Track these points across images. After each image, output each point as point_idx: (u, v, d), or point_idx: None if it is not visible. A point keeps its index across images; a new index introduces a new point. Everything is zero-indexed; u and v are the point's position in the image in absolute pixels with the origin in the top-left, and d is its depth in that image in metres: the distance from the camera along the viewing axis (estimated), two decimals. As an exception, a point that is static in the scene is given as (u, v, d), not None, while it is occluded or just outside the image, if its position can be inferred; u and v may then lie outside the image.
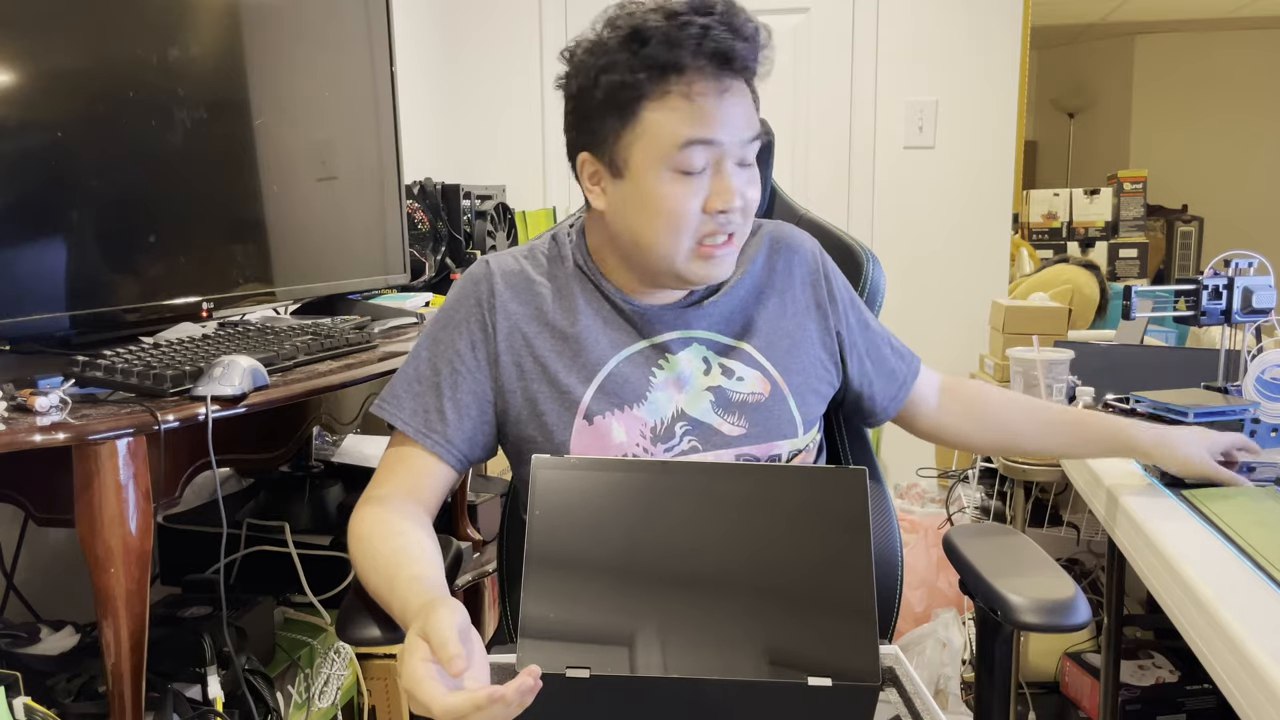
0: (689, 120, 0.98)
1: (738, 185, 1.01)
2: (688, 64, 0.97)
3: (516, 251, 1.17)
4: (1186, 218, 5.22)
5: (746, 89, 1.02)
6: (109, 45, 1.32)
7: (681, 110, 0.98)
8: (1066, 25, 6.11)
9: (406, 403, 1.09)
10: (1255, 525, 1.16)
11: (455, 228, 2.20)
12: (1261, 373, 1.54)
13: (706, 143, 0.99)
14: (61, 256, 1.24)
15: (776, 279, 1.16)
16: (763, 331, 1.13)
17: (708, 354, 1.11)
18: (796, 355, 1.14)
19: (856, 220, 3.13)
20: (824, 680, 0.82)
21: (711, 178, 1.01)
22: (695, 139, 0.99)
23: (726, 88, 0.99)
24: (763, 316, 1.14)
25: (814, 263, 1.19)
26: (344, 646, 1.61)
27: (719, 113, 0.99)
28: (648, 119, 0.99)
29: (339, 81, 1.84)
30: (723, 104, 0.99)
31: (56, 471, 1.05)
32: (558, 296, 1.11)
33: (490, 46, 3.25)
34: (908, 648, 2.28)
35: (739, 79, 1.01)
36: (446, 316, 1.12)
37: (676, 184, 1.00)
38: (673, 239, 1.03)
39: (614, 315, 1.11)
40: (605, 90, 1.00)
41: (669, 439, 1.08)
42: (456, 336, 1.10)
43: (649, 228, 1.03)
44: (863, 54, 3.09)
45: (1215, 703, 1.97)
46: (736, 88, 1.00)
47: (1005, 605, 0.95)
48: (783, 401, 1.11)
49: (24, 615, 1.43)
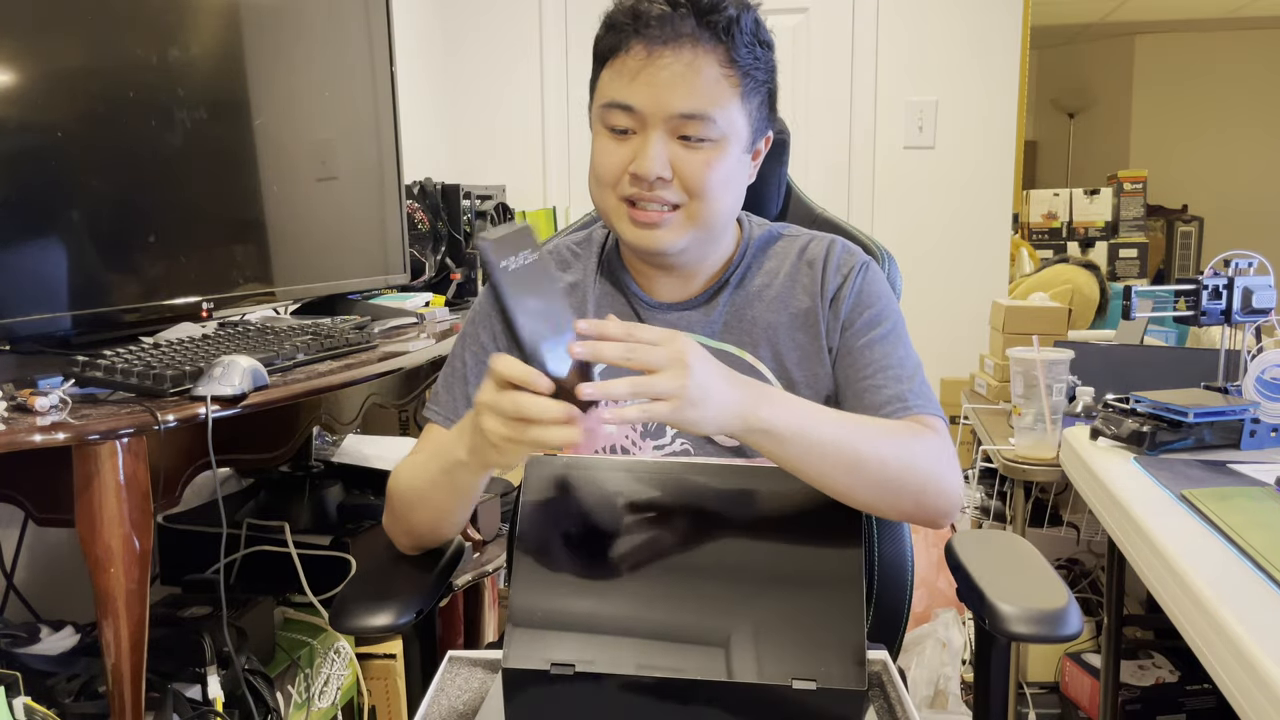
0: (615, 83, 1.01)
1: (655, 154, 1.00)
2: (639, 32, 0.99)
3: (543, 245, 1.19)
4: (1186, 218, 5.22)
5: (704, 57, 0.99)
6: (109, 45, 1.32)
7: (616, 71, 1.01)
8: (1066, 25, 6.12)
9: (443, 397, 1.14)
10: (1255, 525, 1.16)
11: (455, 228, 2.19)
12: (1261, 373, 1.54)
13: (623, 107, 1.00)
14: (62, 256, 1.24)
15: (798, 290, 1.11)
16: (772, 342, 1.10)
17: None
18: (807, 368, 1.09)
19: (856, 220, 3.11)
20: (809, 683, 0.83)
21: (636, 143, 1.01)
22: (614, 101, 1.01)
23: (662, 54, 0.98)
24: (775, 327, 1.10)
25: (840, 276, 1.11)
26: (344, 646, 1.61)
27: (642, 79, 0.99)
28: (601, 78, 1.04)
29: (339, 81, 1.84)
30: (650, 71, 0.99)
31: (56, 471, 1.05)
32: (571, 292, 1.14)
33: (490, 46, 3.25)
34: (908, 648, 2.28)
35: (689, 46, 0.98)
36: (474, 311, 1.18)
37: (604, 140, 1.04)
38: (601, 194, 1.05)
39: (623, 312, 1.12)
40: (593, 48, 1.05)
41: (660, 437, 1.08)
42: (480, 330, 1.15)
43: (591, 183, 1.07)
44: (863, 54, 3.09)
45: (1215, 703, 1.97)
46: (677, 56, 0.98)
47: (996, 615, 0.95)
48: None
49: (24, 615, 1.43)
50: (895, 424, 1.00)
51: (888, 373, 1.05)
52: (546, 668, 0.84)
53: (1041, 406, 1.85)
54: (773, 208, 1.37)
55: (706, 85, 1.00)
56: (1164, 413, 1.54)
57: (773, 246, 1.15)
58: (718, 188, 1.03)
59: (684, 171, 1.01)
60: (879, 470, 0.93)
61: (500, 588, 2.07)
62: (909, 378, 1.06)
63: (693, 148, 1.01)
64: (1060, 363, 1.85)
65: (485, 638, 1.98)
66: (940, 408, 1.06)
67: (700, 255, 1.09)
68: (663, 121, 1.00)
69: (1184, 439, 1.52)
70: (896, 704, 0.95)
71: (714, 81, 1.00)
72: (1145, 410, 1.58)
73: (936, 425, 1.04)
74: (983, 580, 1.01)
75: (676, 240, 1.04)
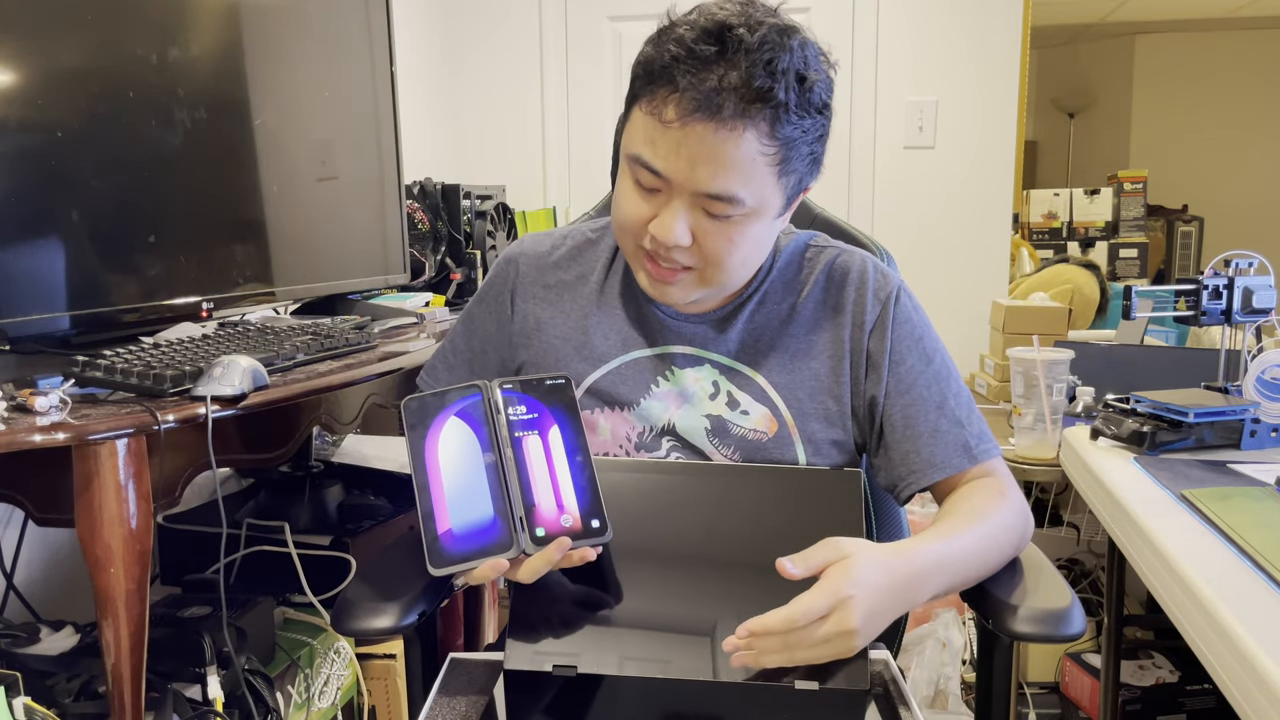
0: (642, 135, 0.95)
1: (676, 224, 0.94)
2: (676, 84, 0.90)
3: (555, 233, 1.19)
4: (1186, 218, 5.22)
5: (744, 130, 0.90)
6: (109, 45, 1.32)
7: (649, 121, 0.94)
8: (1066, 25, 6.12)
9: (442, 374, 1.14)
10: (1255, 525, 1.16)
11: (455, 228, 2.19)
12: (1261, 373, 1.54)
13: (648, 167, 0.94)
14: (61, 256, 1.24)
15: (826, 316, 1.08)
16: (786, 368, 1.06)
17: (719, 378, 1.07)
18: (819, 400, 1.06)
19: (856, 220, 3.11)
20: (811, 684, 0.83)
21: (660, 204, 0.96)
22: (641, 159, 0.95)
23: (702, 120, 0.90)
24: (792, 352, 1.07)
25: (875, 299, 1.07)
26: (344, 646, 1.61)
27: (672, 146, 0.92)
28: (633, 116, 0.98)
29: (339, 81, 1.83)
30: (683, 141, 0.91)
31: (56, 471, 1.04)
32: (580, 285, 1.13)
33: (490, 46, 3.25)
34: (908, 648, 2.28)
35: (731, 116, 0.90)
36: (481, 294, 1.17)
37: (630, 186, 0.98)
38: (620, 236, 1.03)
39: (637, 314, 1.11)
40: (632, 70, 0.99)
41: (654, 450, 1.07)
42: (486, 314, 1.15)
43: (613, 219, 1.04)
44: (863, 54, 3.09)
45: (1215, 703, 1.97)
46: (718, 126, 0.90)
47: (999, 615, 0.95)
48: (788, 445, 1.05)
49: (24, 615, 1.43)
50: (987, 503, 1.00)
51: (948, 417, 1.05)
52: (549, 669, 0.84)
53: (1041, 406, 1.85)
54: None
55: (741, 165, 0.92)
56: (1164, 413, 1.54)
57: (800, 258, 1.12)
58: (737, 259, 0.99)
59: (704, 242, 0.97)
60: (997, 562, 0.99)
61: (500, 588, 2.07)
62: (968, 418, 1.06)
63: (717, 220, 0.95)
64: (1060, 363, 1.85)
65: (485, 638, 1.98)
66: (993, 437, 1.08)
67: (717, 298, 1.08)
68: (689, 194, 0.94)
69: (1184, 439, 1.52)
70: (899, 703, 0.95)
71: (750, 160, 0.92)
72: (1145, 410, 1.58)
73: (1003, 471, 1.06)
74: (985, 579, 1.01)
75: (688, 296, 1.03)
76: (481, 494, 0.87)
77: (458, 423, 0.90)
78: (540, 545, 0.84)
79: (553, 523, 0.86)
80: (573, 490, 0.88)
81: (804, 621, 0.79)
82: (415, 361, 1.51)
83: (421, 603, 1.01)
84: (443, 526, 0.85)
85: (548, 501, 0.87)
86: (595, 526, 0.86)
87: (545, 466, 0.89)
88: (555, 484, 0.88)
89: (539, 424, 0.91)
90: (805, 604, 0.80)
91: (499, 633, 1.68)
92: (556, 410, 0.92)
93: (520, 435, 0.90)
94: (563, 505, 0.87)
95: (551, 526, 0.85)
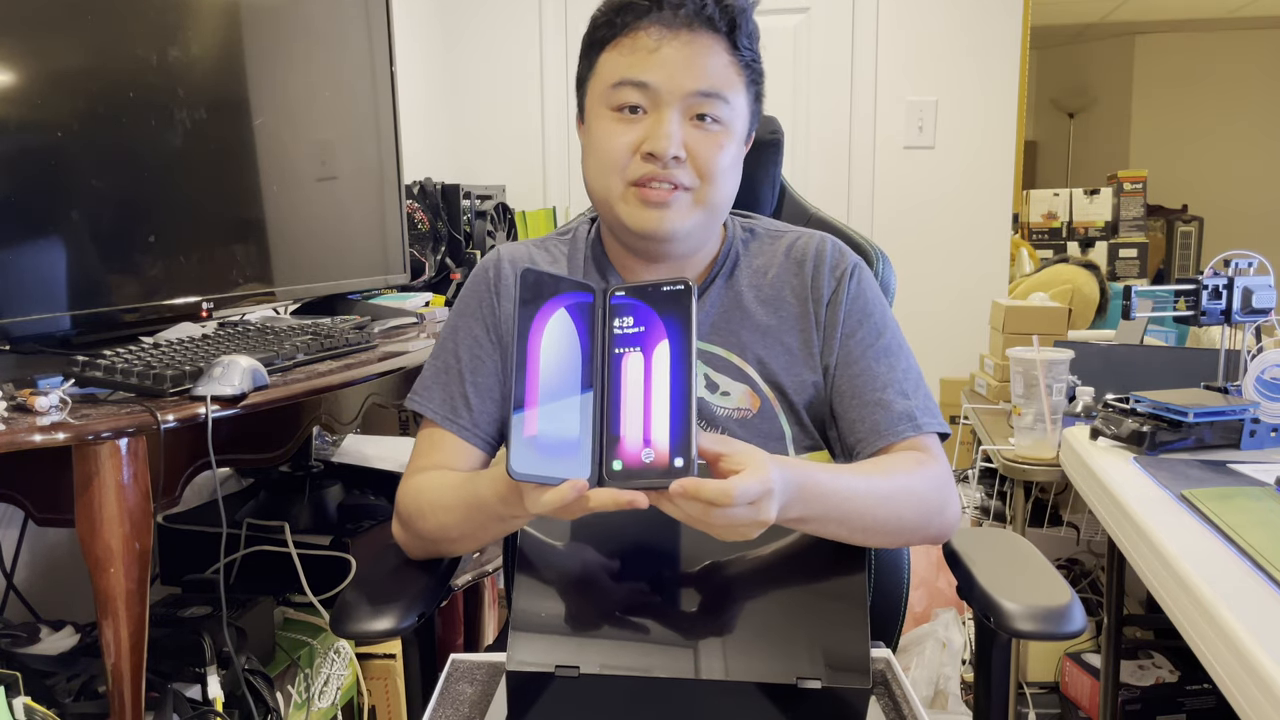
0: (627, 61, 1.01)
1: (671, 131, 0.99)
2: (652, 13, 1.00)
3: (531, 241, 1.19)
4: (1186, 218, 5.22)
5: (714, 44, 1.01)
6: (109, 45, 1.32)
7: (624, 51, 1.01)
8: (1066, 25, 6.12)
9: (435, 392, 1.11)
10: (1255, 525, 1.16)
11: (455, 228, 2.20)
12: (1261, 373, 1.54)
13: (638, 84, 1.00)
14: (61, 256, 1.24)
15: (788, 292, 1.10)
16: (759, 346, 1.09)
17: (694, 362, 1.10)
18: (793, 373, 1.08)
19: (856, 220, 3.13)
20: (814, 682, 0.83)
21: (649, 123, 1.01)
22: (627, 79, 1.00)
23: (677, 35, 0.99)
24: (763, 330, 1.09)
25: (835, 279, 1.10)
26: (344, 646, 1.61)
27: (657, 56, 0.99)
28: (601, 61, 1.03)
29: (339, 81, 1.84)
30: (665, 48, 0.99)
31: (56, 471, 1.05)
32: None
33: (490, 46, 3.25)
34: (908, 648, 2.28)
35: (701, 31, 1.00)
36: (462, 304, 1.15)
37: (611, 122, 1.02)
38: (605, 178, 1.03)
39: None
40: (586, 37, 1.05)
41: None
42: (473, 322, 1.12)
43: (591, 170, 1.05)
44: (863, 54, 3.09)
45: (1215, 703, 1.97)
46: (693, 38, 1.00)
47: (1000, 612, 0.95)
48: (773, 418, 1.07)
49: (24, 615, 1.43)
50: (898, 464, 1.00)
51: (894, 388, 1.05)
52: (551, 669, 0.84)
53: (1041, 406, 1.85)
54: (767, 208, 1.38)
55: (719, 69, 1.01)
56: (1164, 413, 1.54)
57: (754, 243, 1.15)
58: (727, 172, 1.04)
59: (697, 152, 1.01)
60: (894, 524, 0.96)
61: (500, 588, 2.07)
62: (914, 391, 1.06)
63: (705, 129, 1.01)
64: (1060, 363, 1.85)
65: (485, 637, 1.98)
66: (941, 415, 1.07)
67: (696, 245, 1.09)
68: (679, 100, 1.00)
69: (1184, 439, 1.52)
70: (902, 701, 0.95)
71: (724, 67, 1.02)
72: (1145, 410, 1.58)
73: (936, 448, 1.05)
74: (985, 578, 1.01)
75: (684, 222, 1.03)
76: (571, 409, 0.79)
77: (565, 319, 0.81)
78: (615, 480, 0.77)
79: (634, 458, 0.77)
80: (666, 421, 0.78)
81: (735, 502, 0.77)
82: (415, 361, 1.51)
83: (420, 604, 1.01)
84: (529, 430, 0.76)
85: (634, 434, 0.78)
86: (678, 466, 0.76)
87: (641, 392, 0.79)
88: (648, 413, 0.79)
89: (645, 339, 0.81)
90: (741, 485, 0.77)
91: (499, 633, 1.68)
92: (670, 321, 0.81)
93: (621, 352, 0.81)
94: (649, 438, 0.78)
95: (631, 461, 0.77)
